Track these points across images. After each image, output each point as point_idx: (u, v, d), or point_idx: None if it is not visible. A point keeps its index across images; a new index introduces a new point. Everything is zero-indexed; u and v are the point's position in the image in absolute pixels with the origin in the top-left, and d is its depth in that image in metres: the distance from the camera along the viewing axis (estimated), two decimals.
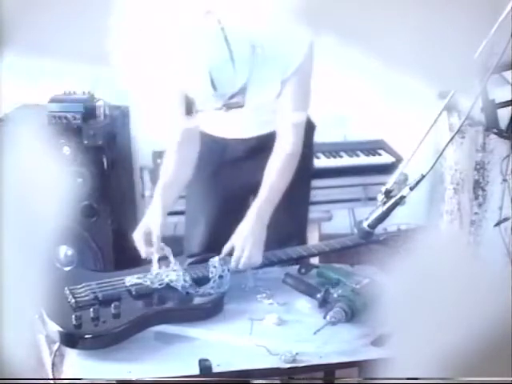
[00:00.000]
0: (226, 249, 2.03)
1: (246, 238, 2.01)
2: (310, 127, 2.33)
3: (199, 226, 2.38)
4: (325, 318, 1.82)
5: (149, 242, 2.05)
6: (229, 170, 2.34)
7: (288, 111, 2.13)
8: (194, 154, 2.23)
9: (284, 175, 2.11)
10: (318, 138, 2.40)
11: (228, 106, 1.97)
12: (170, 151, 2.21)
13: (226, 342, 1.78)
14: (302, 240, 2.39)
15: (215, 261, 1.99)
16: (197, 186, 2.37)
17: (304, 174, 2.28)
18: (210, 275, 1.97)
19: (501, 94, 2.45)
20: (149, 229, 2.07)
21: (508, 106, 2.49)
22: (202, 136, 2.27)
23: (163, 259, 2.01)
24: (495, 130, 2.58)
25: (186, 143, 2.20)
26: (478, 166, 2.91)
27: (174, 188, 2.18)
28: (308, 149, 2.32)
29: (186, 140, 2.20)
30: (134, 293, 1.90)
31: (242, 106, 1.98)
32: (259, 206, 2.07)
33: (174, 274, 1.95)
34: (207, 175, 2.34)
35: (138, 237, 2.07)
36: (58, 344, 1.78)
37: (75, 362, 1.72)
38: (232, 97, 1.94)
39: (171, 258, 2.00)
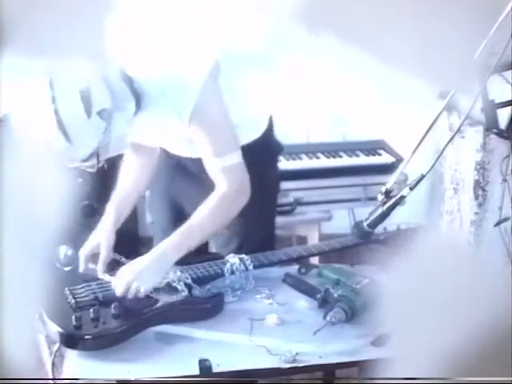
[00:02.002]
0: (121, 286, 1.89)
1: (139, 274, 1.90)
2: (275, 149, 2.29)
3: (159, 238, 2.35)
4: (325, 318, 1.82)
5: (94, 260, 2.03)
6: (182, 186, 2.27)
7: (209, 157, 1.97)
8: (149, 168, 2.19)
9: (212, 217, 1.97)
10: (317, 138, 2.40)
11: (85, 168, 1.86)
12: (125, 166, 2.18)
13: (226, 342, 1.78)
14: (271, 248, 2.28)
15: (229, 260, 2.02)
16: (156, 200, 2.39)
17: (270, 193, 2.25)
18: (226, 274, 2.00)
19: (501, 94, 2.45)
20: (97, 248, 2.04)
21: (508, 105, 2.49)
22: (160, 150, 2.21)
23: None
24: (495, 130, 2.57)
25: (137, 158, 2.15)
26: (478, 166, 2.91)
27: (127, 203, 2.17)
28: (273, 171, 2.29)
29: (136, 155, 2.15)
30: None
31: (95, 169, 1.85)
32: (171, 240, 1.95)
33: (174, 273, 1.95)
34: (162, 188, 2.32)
35: (83, 254, 2.05)
36: (57, 344, 1.78)
37: (75, 362, 1.72)
38: (85, 161, 1.80)
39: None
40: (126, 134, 1.86)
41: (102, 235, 2.07)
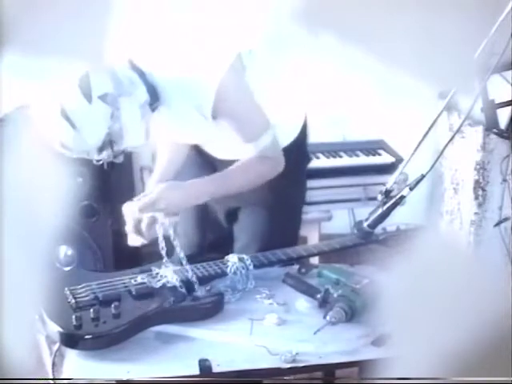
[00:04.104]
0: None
1: (172, 192, 1.95)
2: (302, 158, 2.29)
3: (186, 230, 2.37)
4: (325, 317, 1.82)
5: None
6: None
7: (241, 144, 2.00)
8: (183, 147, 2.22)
9: (245, 173, 2.02)
10: (317, 138, 2.40)
11: (104, 160, 1.88)
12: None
13: (226, 342, 1.78)
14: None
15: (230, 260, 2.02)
16: None
17: (293, 207, 2.28)
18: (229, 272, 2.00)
19: (501, 94, 2.45)
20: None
21: (508, 105, 2.49)
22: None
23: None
24: (495, 130, 2.58)
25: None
26: (477, 166, 2.91)
27: (167, 175, 2.18)
28: (300, 183, 2.30)
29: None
30: (134, 293, 1.90)
31: (115, 158, 1.87)
32: (203, 181, 2.00)
33: (174, 273, 1.95)
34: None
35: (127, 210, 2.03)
36: (58, 344, 1.78)
37: (75, 362, 1.72)
38: (101, 151, 1.84)
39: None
40: (141, 125, 1.86)
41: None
